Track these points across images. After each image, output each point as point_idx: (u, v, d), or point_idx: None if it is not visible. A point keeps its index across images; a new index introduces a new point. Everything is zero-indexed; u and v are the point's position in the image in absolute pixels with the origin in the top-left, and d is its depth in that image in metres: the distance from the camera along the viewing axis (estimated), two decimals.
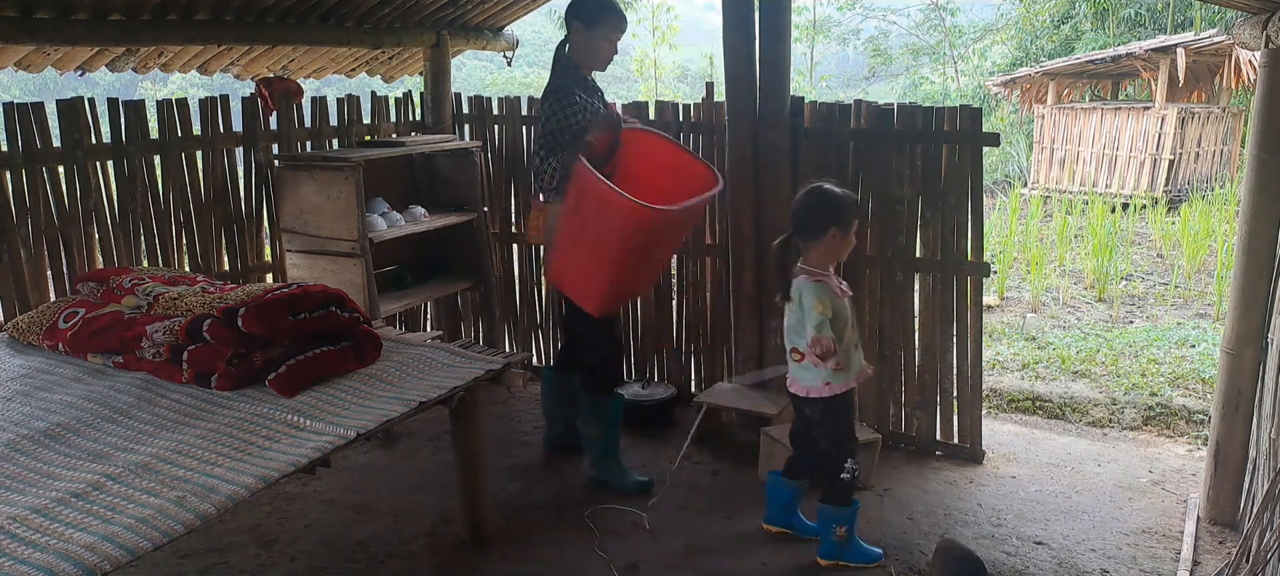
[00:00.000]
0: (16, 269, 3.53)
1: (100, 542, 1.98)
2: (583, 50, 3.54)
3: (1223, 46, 11.82)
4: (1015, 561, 3.24)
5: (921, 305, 4.00)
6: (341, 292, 3.11)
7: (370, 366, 3.04)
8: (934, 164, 3.81)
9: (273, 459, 2.42)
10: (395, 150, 4.39)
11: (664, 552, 3.30)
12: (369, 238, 4.10)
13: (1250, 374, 3.32)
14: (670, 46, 20.96)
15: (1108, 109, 13.00)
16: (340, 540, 3.39)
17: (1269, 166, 3.17)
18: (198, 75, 4.68)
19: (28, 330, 3.25)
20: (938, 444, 4.07)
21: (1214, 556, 3.25)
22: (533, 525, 3.50)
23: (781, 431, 3.80)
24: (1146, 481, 3.86)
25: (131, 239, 3.92)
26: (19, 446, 2.46)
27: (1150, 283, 7.73)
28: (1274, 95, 3.14)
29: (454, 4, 4.71)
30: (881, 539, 3.34)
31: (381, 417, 2.69)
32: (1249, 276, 3.28)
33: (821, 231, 2.93)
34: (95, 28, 3.55)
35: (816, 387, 3.03)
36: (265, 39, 4.22)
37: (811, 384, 3.03)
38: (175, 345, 2.90)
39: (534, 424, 4.47)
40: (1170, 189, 12.08)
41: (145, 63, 4.17)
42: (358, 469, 3.96)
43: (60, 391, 2.83)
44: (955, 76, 21.20)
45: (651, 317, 4.71)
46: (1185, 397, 4.87)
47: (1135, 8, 16.91)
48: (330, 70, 4.93)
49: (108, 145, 3.82)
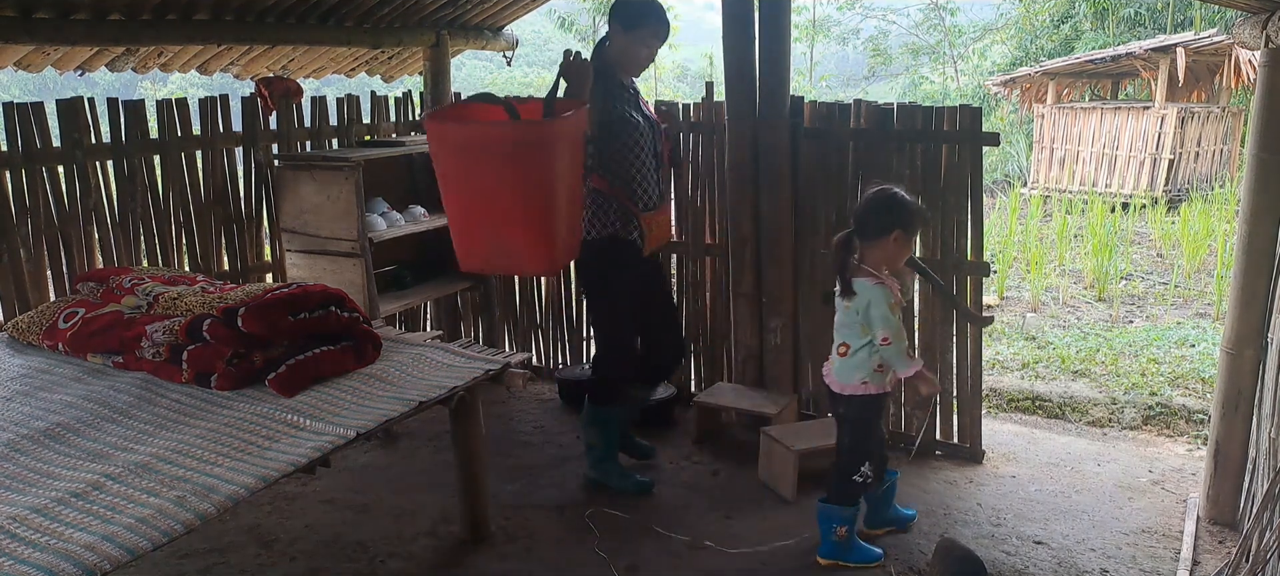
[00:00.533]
0: (16, 269, 3.54)
1: (100, 542, 1.99)
2: (620, 52, 3.42)
3: (1222, 46, 11.83)
4: (1015, 561, 3.24)
5: (921, 305, 4.00)
6: (341, 292, 3.12)
7: (370, 366, 3.04)
8: (934, 164, 3.81)
9: (272, 458, 2.42)
10: (395, 150, 4.39)
11: (664, 552, 3.30)
12: (369, 237, 4.10)
13: (1250, 373, 3.32)
14: (670, 46, 20.90)
15: (1107, 108, 13.00)
16: (340, 540, 3.39)
17: (1269, 166, 3.17)
18: (197, 75, 4.68)
19: (27, 330, 3.25)
20: (937, 443, 4.07)
21: (1214, 556, 3.25)
22: (533, 525, 3.50)
23: (782, 431, 3.80)
24: (1146, 481, 3.86)
25: (131, 239, 3.92)
26: (19, 446, 2.46)
27: (1150, 282, 7.73)
28: (1274, 95, 3.14)
29: (454, 4, 4.71)
30: (881, 539, 3.34)
31: (381, 417, 2.70)
32: (1249, 276, 3.27)
33: (885, 233, 2.92)
34: (95, 28, 3.55)
35: (852, 385, 3.03)
36: (265, 39, 4.23)
37: (848, 381, 3.04)
38: (175, 345, 2.90)
39: (533, 424, 4.47)
40: (1170, 188, 12.08)
41: (145, 62, 4.17)
42: (358, 468, 3.96)
43: (60, 391, 2.83)
44: (955, 76, 21.21)
45: None
46: (1185, 397, 4.87)
47: (1135, 7, 16.91)
48: (330, 70, 4.93)
49: (107, 145, 3.82)
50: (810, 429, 3.87)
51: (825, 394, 3.21)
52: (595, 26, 18.97)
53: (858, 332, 2.98)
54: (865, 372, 3.01)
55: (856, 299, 2.93)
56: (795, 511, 3.57)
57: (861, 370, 3.01)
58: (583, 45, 20.89)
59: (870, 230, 2.94)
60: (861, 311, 2.94)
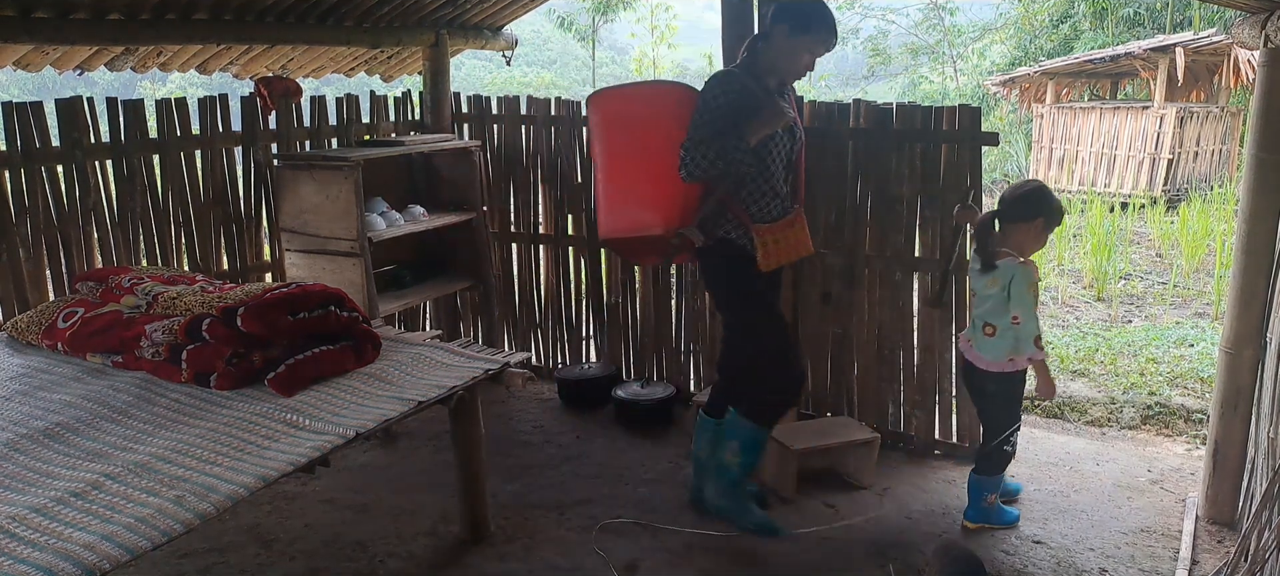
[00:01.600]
0: (15, 268, 3.53)
1: (99, 542, 1.99)
2: (779, 56, 3.11)
3: (1221, 46, 11.84)
4: (1014, 560, 3.24)
5: (920, 304, 4.00)
6: (341, 292, 3.12)
7: (369, 366, 3.05)
8: (933, 163, 3.81)
9: (272, 458, 2.42)
10: (394, 150, 4.39)
11: (664, 552, 3.30)
12: (368, 237, 4.10)
13: (1249, 373, 3.32)
14: (669, 46, 20.95)
15: (1106, 108, 13.01)
16: (339, 539, 3.39)
17: (1268, 165, 3.17)
18: (197, 74, 4.68)
19: (27, 329, 3.25)
20: (937, 443, 4.07)
21: (1212, 555, 3.25)
22: (532, 525, 3.50)
23: (781, 431, 3.79)
24: (1145, 480, 3.87)
25: (130, 238, 3.92)
26: (18, 446, 2.46)
27: (1149, 282, 7.73)
28: (1273, 94, 3.14)
29: (453, 3, 4.71)
30: (881, 538, 3.35)
31: (381, 417, 2.70)
32: (1248, 275, 3.28)
33: (1030, 218, 3.16)
34: (94, 27, 3.55)
35: (1000, 362, 3.23)
36: (264, 38, 4.22)
37: (997, 358, 3.23)
38: (174, 344, 2.90)
39: (533, 423, 4.47)
40: (1169, 188, 12.09)
41: (144, 62, 4.17)
42: (357, 468, 3.96)
43: (59, 391, 2.83)
44: (954, 76, 21.23)
45: (651, 317, 4.71)
46: (1184, 397, 4.87)
47: (1134, 7, 16.92)
48: (329, 70, 4.93)
49: (107, 145, 3.82)
50: (809, 428, 3.87)
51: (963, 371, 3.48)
52: (595, 26, 18.96)
53: (1003, 312, 3.18)
54: (1012, 349, 3.21)
55: (1000, 275, 3.14)
56: (795, 510, 3.58)
57: (1008, 347, 3.21)
58: (581, 44, 20.92)
59: (1017, 214, 3.18)
60: (1006, 288, 3.14)
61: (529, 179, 4.90)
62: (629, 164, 3.23)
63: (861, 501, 3.64)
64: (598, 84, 21.39)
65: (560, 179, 4.79)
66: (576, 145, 4.72)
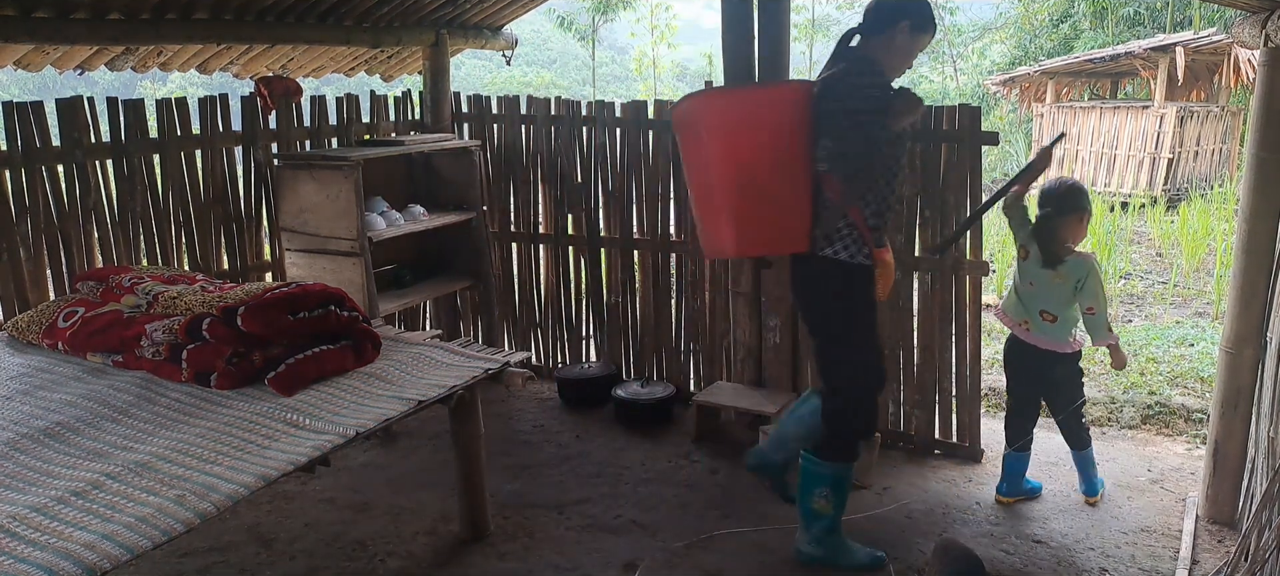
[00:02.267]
0: (16, 268, 3.54)
1: (100, 541, 1.99)
2: (895, 52, 2.97)
3: (1222, 45, 11.83)
4: (1014, 560, 3.24)
5: (920, 304, 4.00)
6: (341, 292, 3.12)
7: (369, 365, 3.05)
8: (933, 163, 3.81)
9: (272, 458, 2.42)
10: (394, 149, 4.39)
11: (664, 552, 3.30)
12: (368, 237, 4.10)
13: (1249, 372, 3.32)
14: (669, 45, 20.93)
15: (1107, 108, 13.00)
16: (339, 538, 3.39)
17: (1268, 165, 3.17)
18: (197, 74, 4.68)
19: (27, 329, 3.25)
20: (937, 442, 4.07)
21: (1212, 555, 3.25)
22: (532, 524, 3.50)
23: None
24: (1145, 480, 3.87)
25: (131, 238, 3.92)
26: (19, 445, 2.46)
27: (1149, 281, 7.73)
28: (1273, 94, 3.14)
29: (453, 3, 4.71)
30: (880, 538, 3.35)
31: (381, 417, 2.70)
32: (1248, 275, 3.28)
33: (1080, 211, 3.40)
34: (94, 27, 3.55)
35: (1068, 344, 3.48)
36: (264, 38, 4.22)
37: (1062, 340, 3.47)
38: (175, 344, 2.90)
39: (533, 423, 4.47)
40: (1169, 188, 12.08)
41: (144, 62, 4.17)
42: (357, 467, 3.96)
43: (60, 390, 2.83)
44: (954, 75, 21.22)
45: (651, 317, 4.72)
46: (1184, 396, 4.87)
47: (1134, 7, 16.91)
48: (329, 69, 4.93)
49: (107, 144, 3.82)
50: None
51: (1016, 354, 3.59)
52: (595, 26, 18.95)
53: (1065, 300, 3.40)
54: (1074, 330, 3.49)
55: (1068, 270, 3.36)
56: (795, 509, 3.57)
57: (1072, 330, 3.48)
58: (581, 44, 20.91)
59: (1069, 209, 3.38)
60: (1079, 281, 3.35)
61: (529, 178, 4.90)
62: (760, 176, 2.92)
63: (861, 501, 3.64)
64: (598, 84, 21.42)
65: (560, 178, 4.79)
66: (576, 145, 4.72)
